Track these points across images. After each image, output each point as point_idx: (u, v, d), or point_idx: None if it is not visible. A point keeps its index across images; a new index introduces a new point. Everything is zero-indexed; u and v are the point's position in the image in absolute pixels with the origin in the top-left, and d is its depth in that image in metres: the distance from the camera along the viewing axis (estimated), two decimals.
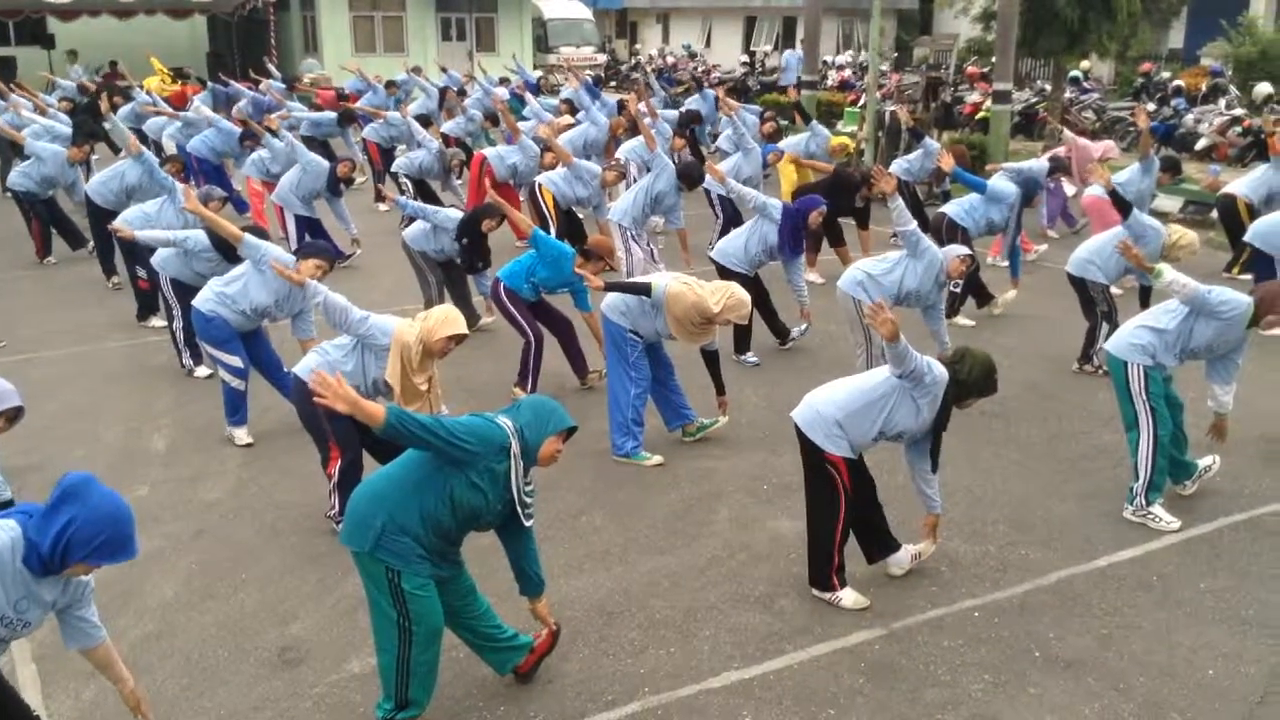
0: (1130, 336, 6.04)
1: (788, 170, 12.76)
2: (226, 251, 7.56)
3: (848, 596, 5.19)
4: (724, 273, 8.53)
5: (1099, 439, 7.22)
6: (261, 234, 7.21)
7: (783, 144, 13.03)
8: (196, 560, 5.73)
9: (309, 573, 5.57)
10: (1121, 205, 7.89)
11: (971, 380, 4.98)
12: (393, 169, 13.02)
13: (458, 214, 8.95)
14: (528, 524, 4.22)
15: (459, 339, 5.46)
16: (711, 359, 7.07)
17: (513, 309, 7.86)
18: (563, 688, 4.61)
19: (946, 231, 9.72)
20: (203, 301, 7.07)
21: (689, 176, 10.12)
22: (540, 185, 11.16)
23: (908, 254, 7.47)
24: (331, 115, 15.95)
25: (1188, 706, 4.47)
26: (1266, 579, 5.45)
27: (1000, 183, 9.96)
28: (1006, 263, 10.20)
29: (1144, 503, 6.01)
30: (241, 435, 7.24)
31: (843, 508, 5.10)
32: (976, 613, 5.17)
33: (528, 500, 4.16)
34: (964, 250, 7.57)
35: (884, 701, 4.52)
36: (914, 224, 7.44)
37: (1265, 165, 10.94)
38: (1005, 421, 7.47)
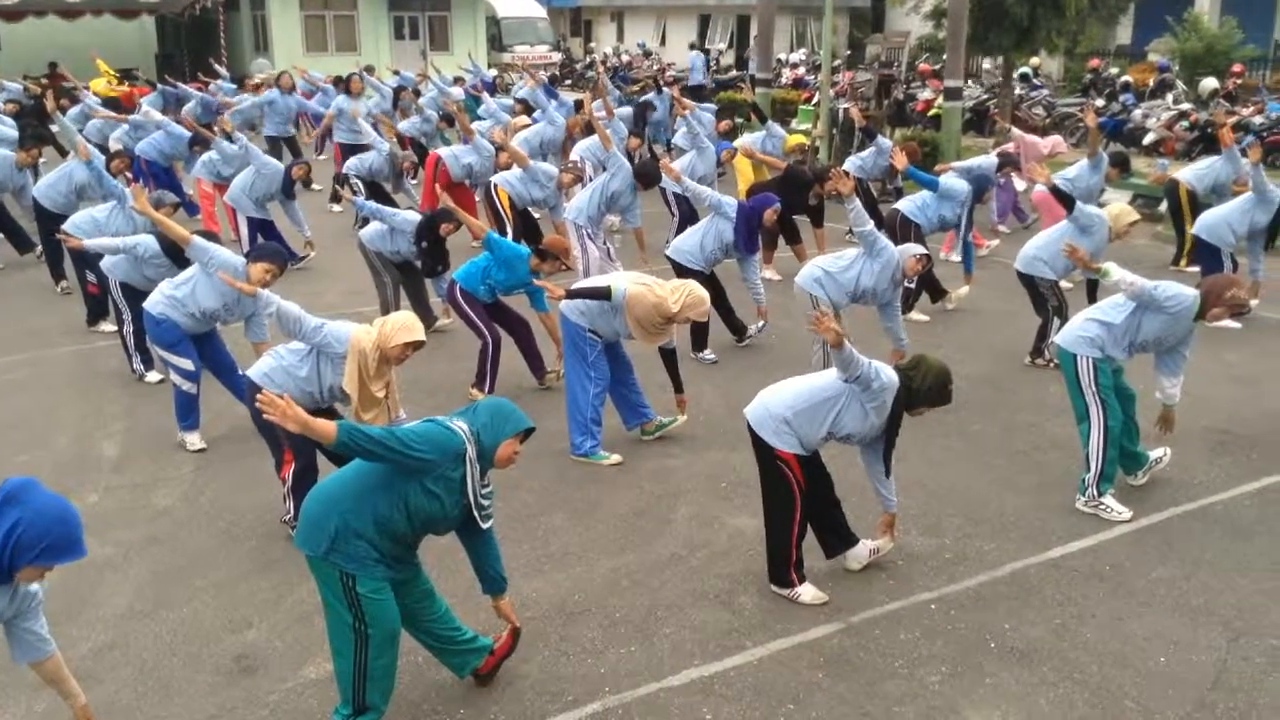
0: (1079, 329, 6.11)
1: (744, 168, 12.81)
2: (176, 256, 7.47)
3: (806, 592, 5.22)
4: (680, 270, 8.55)
5: (1051, 431, 7.31)
6: (212, 238, 7.13)
7: (740, 141, 13.07)
8: (149, 568, 5.66)
9: (264, 578, 5.52)
10: (1064, 200, 8.02)
11: (924, 389, 4.98)
12: (344, 169, 12.91)
13: (415, 216, 8.90)
14: (485, 526, 4.20)
15: (416, 346, 5.40)
16: (669, 357, 7.08)
17: (469, 311, 7.83)
18: (523, 689, 4.60)
19: (900, 228, 9.81)
20: (153, 304, 6.99)
21: (646, 176, 10.12)
22: (496, 186, 11.13)
23: (865, 253, 7.53)
24: (291, 103, 15.98)
25: (1140, 694, 4.54)
26: (1216, 568, 5.54)
27: (952, 180, 10.07)
28: (959, 258, 10.31)
29: (1096, 493, 6.09)
30: (194, 440, 7.16)
31: (798, 504, 5.12)
32: (933, 605, 5.22)
33: (485, 504, 4.14)
34: (920, 250, 7.64)
35: (843, 695, 4.55)
36: (871, 224, 7.50)
37: (1215, 157, 11.14)
38: (959, 415, 7.53)
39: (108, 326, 9.47)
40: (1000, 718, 4.41)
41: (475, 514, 4.11)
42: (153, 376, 8.34)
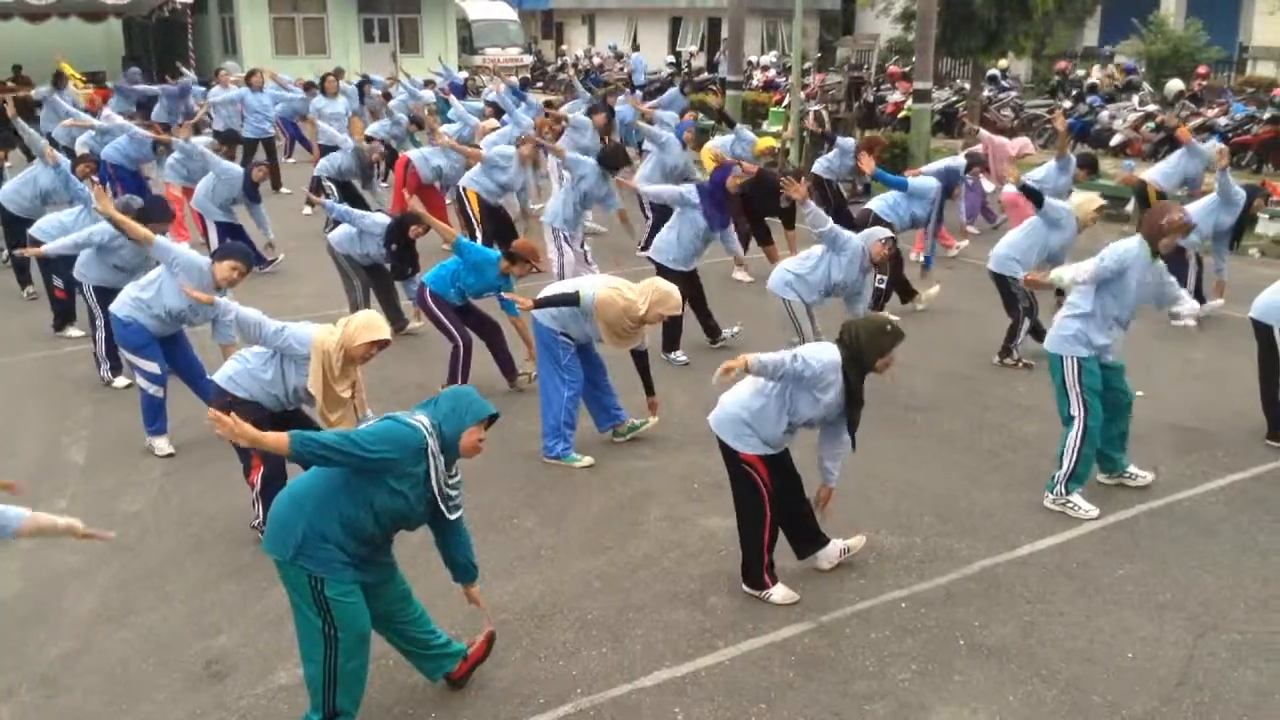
0: (1061, 330, 6.19)
1: (708, 160, 12.82)
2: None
3: (778, 592, 5.24)
4: (662, 271, 8.50)
5: (1020, 430, 7.36)
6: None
7: (709, 145, 13.12)
8: (117, 574, 5.61)
9: (234, 584, 5.49)
10: (1034, 197, 8.11)
11: (862, 346, 4.93)
12: (315, 172, 12.83)
13: (384, 219, 8.86)
14: (453, 518, 4.19)
15: (381, 344, 5.39)
16: (640, 359, 7.07)
17: (440, 314, 7.80)
18: (495, 691, 4.59)
19: (872, 227, 9.84)
20: (119, 306, 6.95)
21: (612, 163, 10.03)
22: (464, 188, 11.11)
23: (829, 250, 7.57)
24: (265, 99, 15.93)
25: (1108, 690, 4.58)
26: (1182, 564, 5.60)
27: (921, 179, 10.16)
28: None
29: (1064, 491, 6.15)
30: (162, 445, 7.11)
31: (767, 506, 5.14)
32: (903, 603, 5.25)
33: (451, 494, 4.12)
34: (884, 233, 7.65)
35: (814, 694, 4.57)
36: (829, 223, 7.50)
37: (1178, 153, 11.25)
38: (929, 414, 7.58)
39: (74, 331, 9.40)
40: (970, 715, 4.44)
41: (441, 506, 4.09)
42: (120, 382, 8.27)
